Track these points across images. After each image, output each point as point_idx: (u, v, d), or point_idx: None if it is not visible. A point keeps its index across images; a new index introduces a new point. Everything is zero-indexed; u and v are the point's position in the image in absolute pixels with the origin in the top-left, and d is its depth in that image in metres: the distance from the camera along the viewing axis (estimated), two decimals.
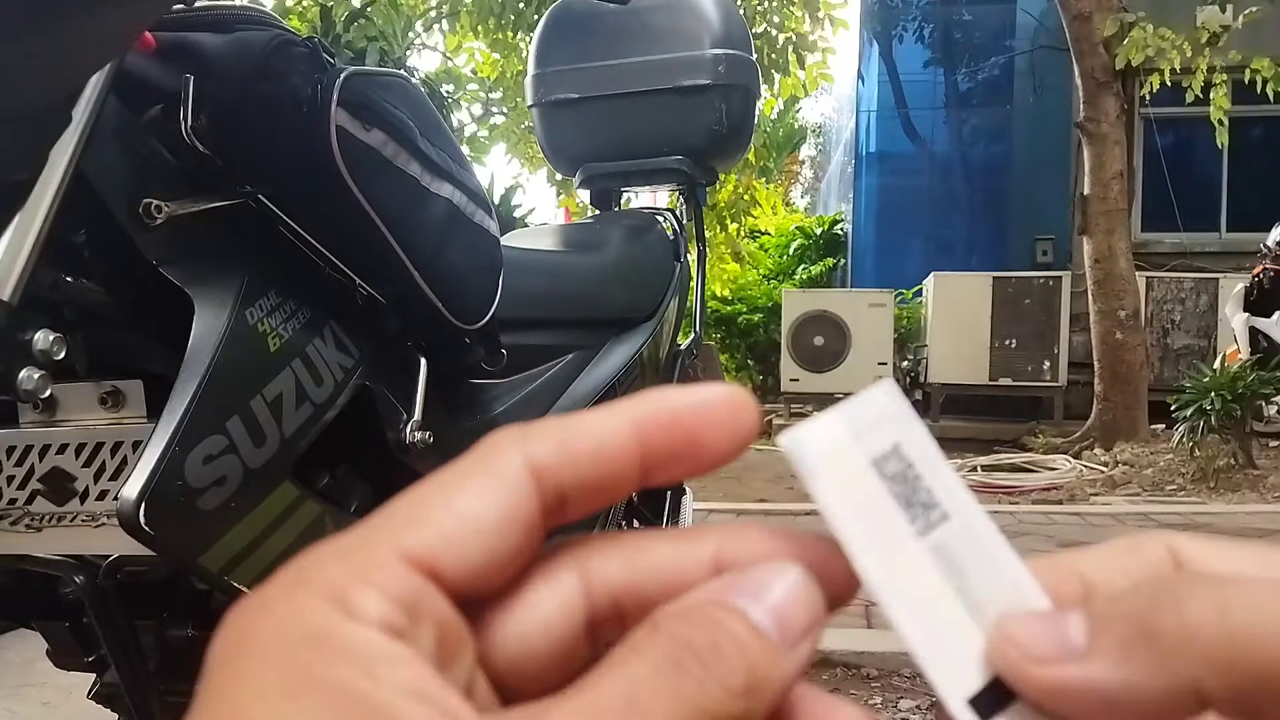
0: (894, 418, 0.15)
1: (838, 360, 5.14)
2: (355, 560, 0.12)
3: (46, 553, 0.45)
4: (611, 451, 0.13)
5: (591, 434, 0.13)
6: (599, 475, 0.13)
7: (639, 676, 0.11)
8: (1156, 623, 0.11)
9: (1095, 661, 0.12)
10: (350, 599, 0.11)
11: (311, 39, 0.48)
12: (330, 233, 0.48)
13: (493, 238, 0.60)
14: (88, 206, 0.41)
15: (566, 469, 0.13)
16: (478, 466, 0.13)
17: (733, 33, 1.00)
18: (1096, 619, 0.12)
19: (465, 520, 0.12)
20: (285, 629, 0.11)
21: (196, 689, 0.12)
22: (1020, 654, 0.12)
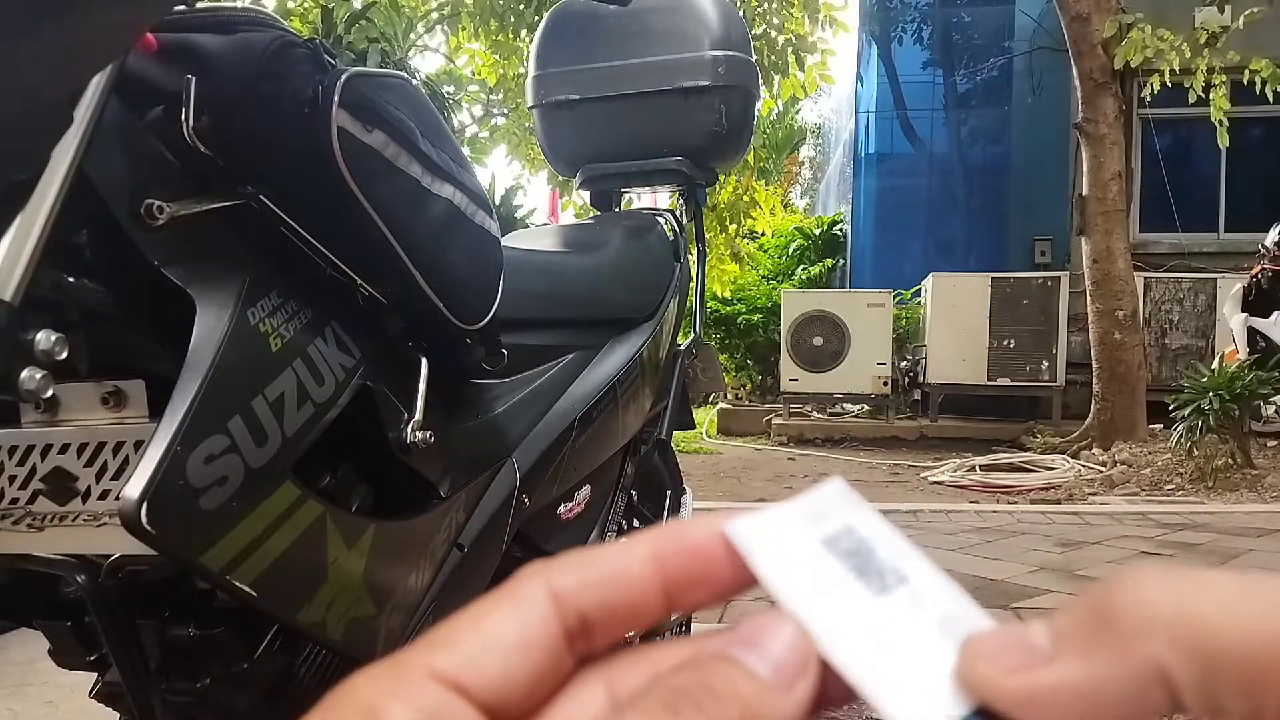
0: (846, 506, 0.15)
1: (837, 360, 5.15)
2: (386, 680, 0.13)
3: (48, 552, 0.45)
4: (630, 578, 0.14)
5: (612, 563, 0.14)
6: (619, 601, 0.14)
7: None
8: (1117, 611, 0.11)
9: (1063, 662, 0.12)
10: (380, 712, 0.13)
11: (313, 40, 0.48)
12: (331, 233, 0.48)
13: (493, 238, 0.60)
14: (89, 207, 0.41)
15: (587, 594, 0.14)
16: (504, 595, 0.14)
17: (732, 34, 1.01)
18: (1059, 625, 0.12)
19: (487, 641, 0.13)
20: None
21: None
22: (990, 667, 0.12)
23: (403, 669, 0.13)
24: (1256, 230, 4.64)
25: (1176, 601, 0.11)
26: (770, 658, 0.13)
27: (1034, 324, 4.97)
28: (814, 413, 5.40)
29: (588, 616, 0.14)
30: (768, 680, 0.12)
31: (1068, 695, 0.12)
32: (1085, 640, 0.12)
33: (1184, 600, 0.11)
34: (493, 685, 0.13)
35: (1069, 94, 4.78)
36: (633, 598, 0.14)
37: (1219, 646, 0.11)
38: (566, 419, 0.76)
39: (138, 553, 0.42)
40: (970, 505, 2.88)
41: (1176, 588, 0.11)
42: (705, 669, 0.13)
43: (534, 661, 0.14)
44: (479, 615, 0.14)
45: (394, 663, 0.13)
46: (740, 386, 6.39)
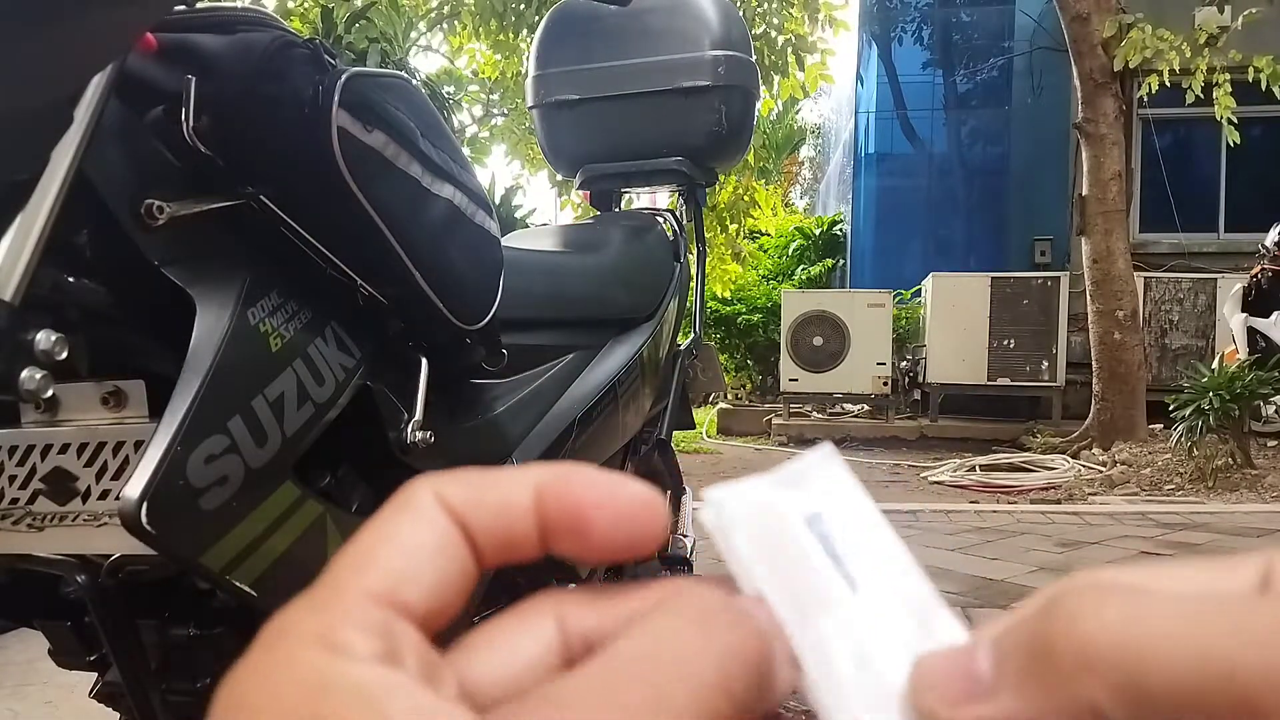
0: (832, 478, 0.14)
1: (837, 360, 5.15)
2: (328, 608, 0.13)
3: (48, 552, 0.45)
4: (513, 509, 0.14)
5: (498, 487, 0.14)
6: (501, 528, 0.14)
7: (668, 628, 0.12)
8: (1054, 646, 0.11)
9: (1001, 697, 0.12)
10: (335, 640, 0.12)
11: (313, 40, 0.48)
12: (331, 233, 0.48)
13: (493, 238, 0.60)
14: (90, 207, 0.41)
15: (473, 513, 0.14)
16: (399, 508, 0.14)
17: (732, 34, 1.01)
18: (1000, 649, 0.12)
19: (409, 553, 0.13)
20: (280, 681, 0.12)
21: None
22: (934, 699, 0.12)
23: (340, 594, 0.13)
24: (1256, 230, 4.64)
25: (1111, 638, 0.11)
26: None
27: (1034, 324, 4.97)
28: (814, 413, 5.40)
29: (473, 534, 0.14)
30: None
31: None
32: (1023, 673, 0.12)
33: (1119, 637, 0.11)
34: (426, 597, 0.13)
35: (1069, 94, 4.78)
36: (512, 527, 0.14)
37: (1149, 688, 0.11)
38: (566, 419, 0.76)
39: (138, 553, 0.42)
40: (970, 505, 2.88)
41: (1114, 620, 0.11)
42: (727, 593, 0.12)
43: (454, 569, 0.13)
44: (385, 531, 0.13)
45: (326, 590, 0.13)
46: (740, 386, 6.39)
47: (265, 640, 0.13)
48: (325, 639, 0.12)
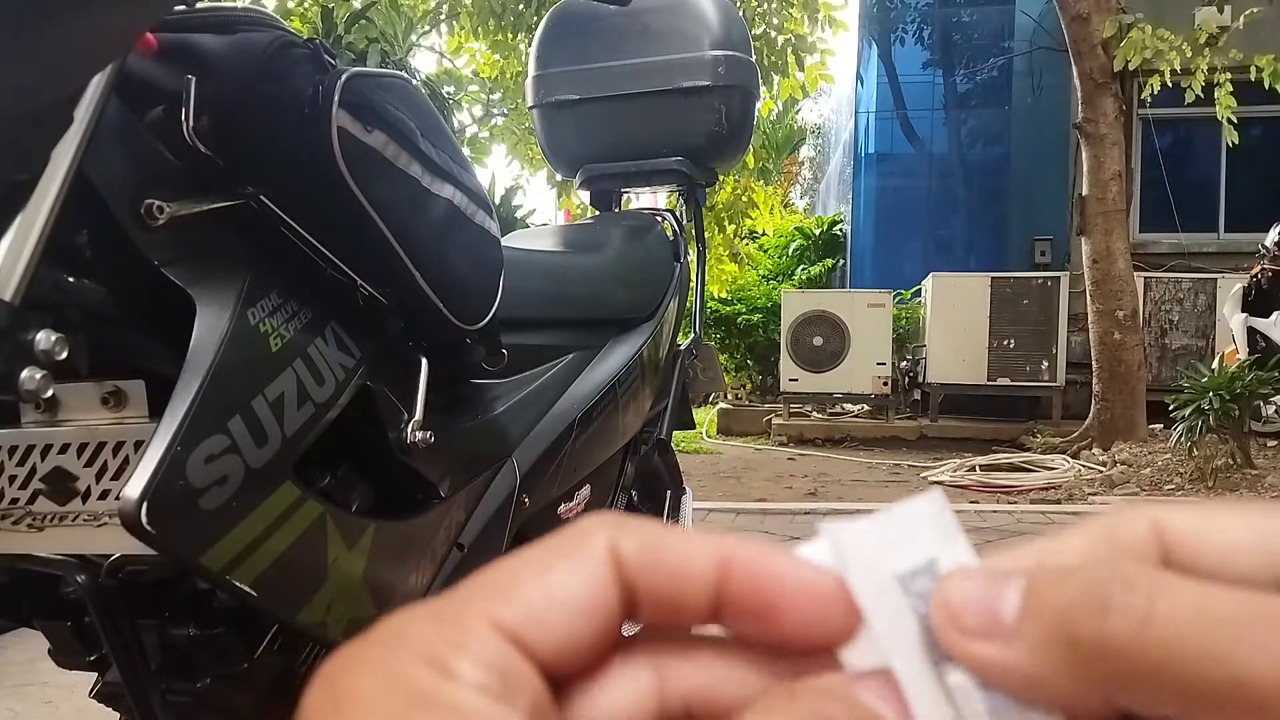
0: (937, 530, 0.14)
1: (837, 360, 5.15)
2: (449, 627, 0.12)
3: (48, 552, 0.45)
4: (692, 575, 0.13)
5: (679, 549, 0.13)
6: (672, 593, 0.13)
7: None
8: (1077, 628, 0.11)
9: (1016, 648, 0.12)
10: (448, 663, 0.12)
11: (313, 40, 0.48)
12: (332, 233, 0.48)
13: (493, 238, 0.60)
14: (89, 207, 0.41)
15: (645, 572, 0.13)
16: (568, 546, 0.13)
17: (732, 34, 1.01)
18: (1030, 599, 0.12)
19: (554, 597, 0.13)
20: (386, 687, 0.11)
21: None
22: (950, 621, 0.12)
23: (466, 618, 0.12)
24: (1256, 230, 4.64)
25: (1133, 639, 0.11)
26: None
27: (1034, 324, 4.97)
28: (814, 413, 5.40)
29: (638, 595, 0.13)
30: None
31: (1009, 676, 0.12)
32: (1044, 638, 0.12)
33: (1140, 635, 0.11)
34: (555, 646, 0.12)
35: (1069, 94, 4.78)
36: (685, 593, 0.13)
37: (1164, 683, 0.11)
38: (566, 419, 0.76)
39: (138, 553, 0.42)
40: (970, 505, 2.88)
41: (1141, 619, 0.11)
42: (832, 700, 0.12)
43: (596, 625, 0.13)
44: (542, 565, 0.13)
45: (454, 608, 0.12)
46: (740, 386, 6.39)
47: (381, 637, 0.12)
48: (438, 658, 0.12)
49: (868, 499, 3.09)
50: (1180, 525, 0.13)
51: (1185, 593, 0.11)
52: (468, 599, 0.13)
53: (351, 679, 0.12)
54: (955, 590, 0.13)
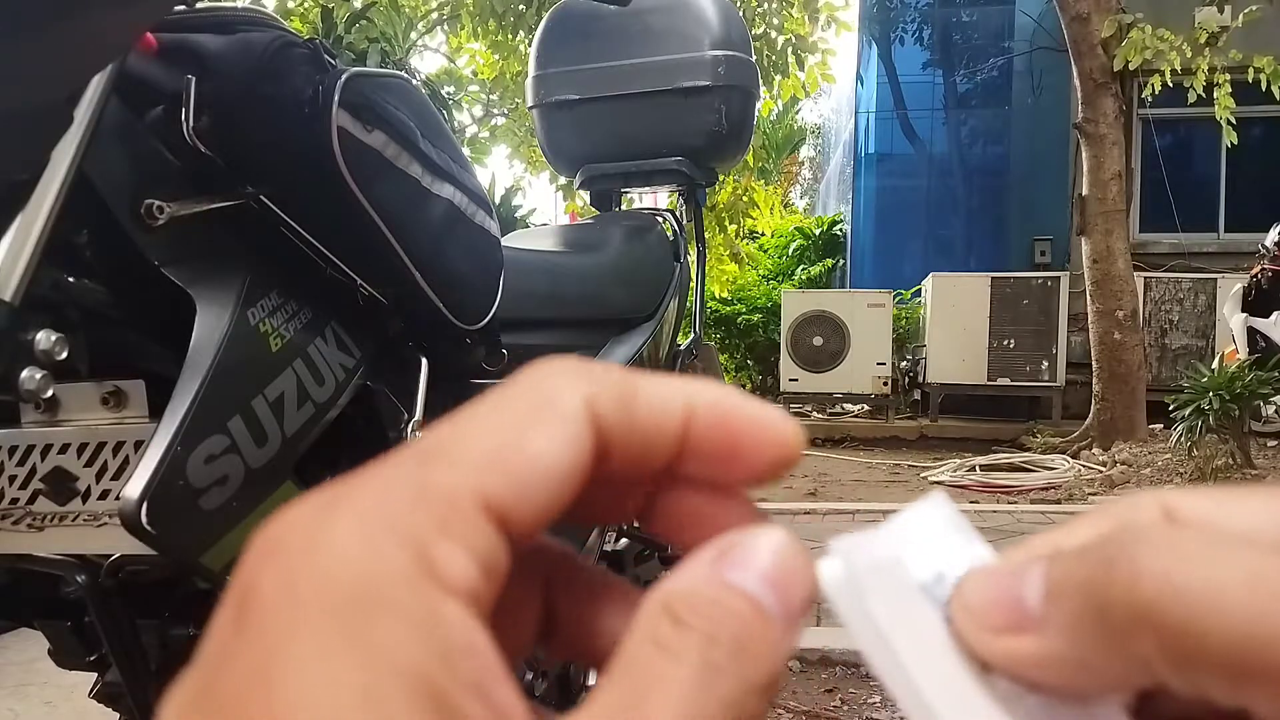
0: (950, 532, 0.13)
1: (837, 360, 5.15)
2: (437, 504, 0.10)
3: (48, 552, 0.45)
4: (663, 427, 0.12)
5: (652, 401, 0.12)
6: (645, 443, 0.12)
7: (678, 681, 0.10)
8: (1108, 599, 0.11)
9: (1048, 635, 0.11)
10: (435, 557, 0.10)
11: (313, 40, 0.48)
12: (332, 233, 0.48)
13: (493, 238, 0.60)
14: (90, 207, 0.41)
15: (620, 429, 0.12)
16: (541, 402, 0.12)
17: (732, 34, 1.01)
18: (1054, 582, 0.11)
19: (540, 467, 0.11)
20: (360, 578, 0.10)
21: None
22: (976, 623, 0.12)
23: (456, 493, 0.11)
24: (1256, 230, 4.64)
25: (1173, 600, 0.10)
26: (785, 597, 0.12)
27: (1034, 324, 4.97)
28: (814, 413, 5.40)
29: (612, 449, 0.12)
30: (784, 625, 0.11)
31: (1048, 666, 0.11)
32: (1075, 615, 0.11)
33: (1182, 600, 0.10)
34: (533, 520, 0.11)
35: (1069, 94, 4.78)
36: (657, 442, 0.12)
37: (1207, 656, 0.10)
38: None
39: (138, 553, 0.42)
40: (970, 505, 2.88)
41: (1179, 581, 0.10)
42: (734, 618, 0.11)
43: (572, 492, 0.12)
44: (520, 427, 0.11)
45: (441, 478, 0.11)
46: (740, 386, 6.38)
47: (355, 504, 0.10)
48: (425, 548, 0.10)
49: (868, 499, 3.09)
50: (1192, 509, 0.13)
51: (1233, 552, 0.10)
52: (453, 467, 0.11)
53: (318, 555, 0.10)
54: (974, 590, 0.12)
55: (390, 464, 0.11)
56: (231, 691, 0.09)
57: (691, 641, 0.11)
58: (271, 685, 0.09)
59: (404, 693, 0.09)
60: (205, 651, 0.10)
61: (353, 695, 0.09)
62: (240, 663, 0.09)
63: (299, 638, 0.09)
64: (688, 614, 0.11)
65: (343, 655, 0.09)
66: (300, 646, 0.09)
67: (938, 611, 0.12)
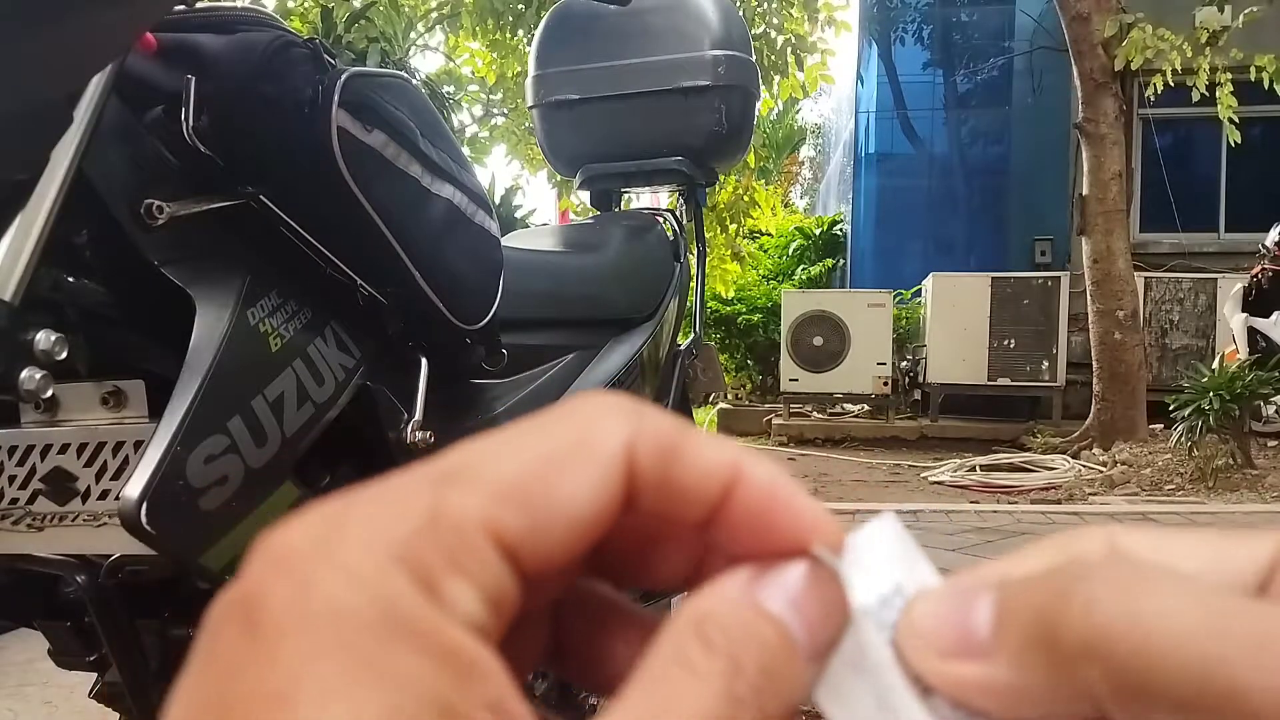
0: (897, 554, 0.13)
1: (837, 360, 5.14)
2: (445, 535, 0.10)
3: (48, 552, 0.45)
4: (702, 491, 0.12)
5: (697, 462, 0.12)
6: (676, 505, 0.12)
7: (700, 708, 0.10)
8: (1058, 629, 0.11)
9: (996, 662, 0.11)
10: (442, 587, 0.10)
11: (313, 40, 0.48)
12: (331, 233, 0.48)
13: (493, 238, 0.60)
14: (89, 207, 0.41)
15: (655, 483, 0.12)
16: (579, 437, 0.11)
17: (732, 34, 1.00)
18: (1003, 609, 0.11)
19: (562, 508, 0.11)
20: (367, 604, 0.09)
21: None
22: (923, 646, 0.12)
23: (466, 523, 0.10)
24: (1257, 230, 4.64)
25: (1122, 634, 0.10)
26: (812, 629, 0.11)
27: (1034, 324, 4.97)
28: (814, 413, 5.40)
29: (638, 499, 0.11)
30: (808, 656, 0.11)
31: (994, 693, 0.11)
32: (1023, 647, 0.11)
33: (1130, 635, 0.10)
34: (545, 561, 0.11)
35: (1069, 94, 4.78)
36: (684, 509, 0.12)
37: (1152, 690, 0.10)
38: None
39: (138, 553, 0.42)
40: (970, 505, 2.88)
41: (1128, 614, 0.10)
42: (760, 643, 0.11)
43: (592, 536, 0.11)
44: (551, 461, 0.11)
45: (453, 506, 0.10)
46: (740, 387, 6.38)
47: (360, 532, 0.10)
48: (432, 579, 0.10)
49: (868, 499, 3.09)
50: (1136, 545, 0.13)
51: (1181, 589, 0.10)
52: (465, 495, 0.10)
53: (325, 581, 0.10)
54: (922, 614, 0.12)
55: (407, 479, 0.11)
56: (250, 709, 0.09)
57: (717, 667, 0.11)
58: (296, 708, 0.09)
59: (410, 708, 0.09)
60: (210, 656, 0.10)
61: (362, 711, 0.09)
62: (256, 681, 0.09)
63: (320, 662, 0.09)
64: (717, 635, 0.11)
65: (365, 682, 0.09)
66: (322, 671, 0.09)
67: (882, 635, 0.12)
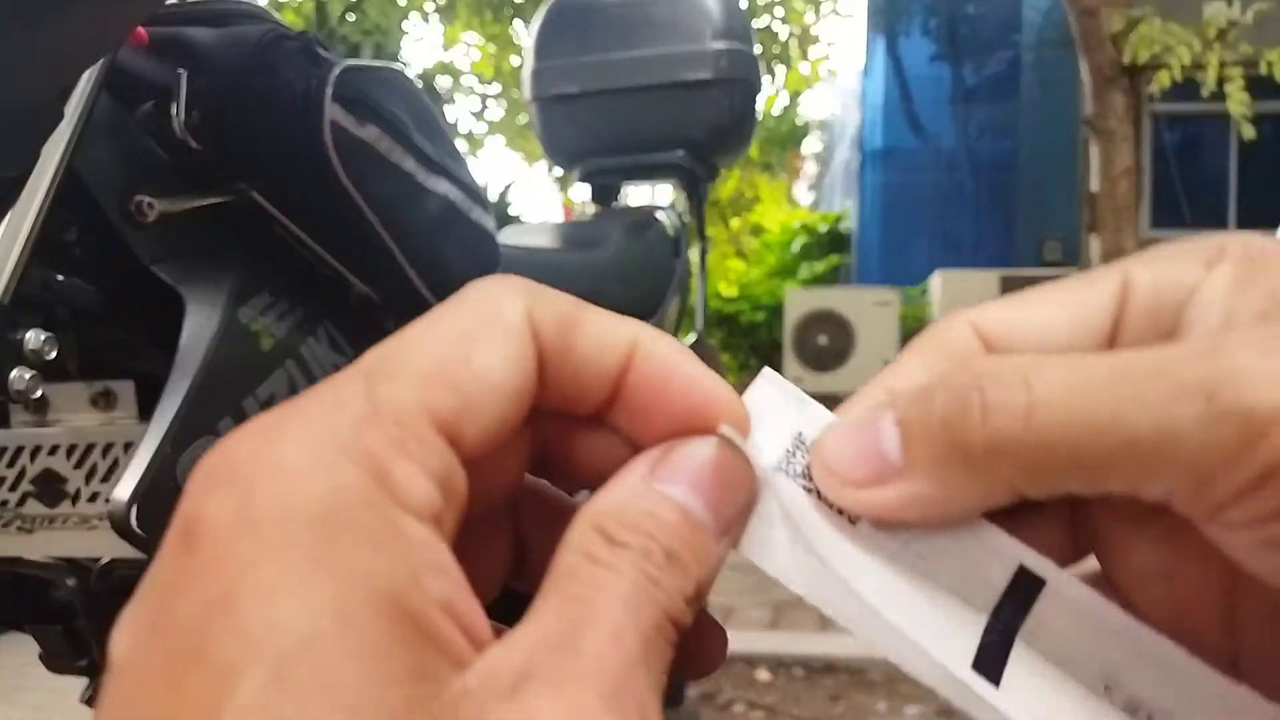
0: (788, 405, 0.14)
1: (842, 360, 5.12)
2: (389, 423, 0.10)
3: (38, 555, 0.45)
4: (604, 358, 0.12)
5: (595, 331, 0.12)
6: (582, 375, 0.12)
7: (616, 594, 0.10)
8: (965, 436, 0.11)
9: (914, 479, 0.12)
10: (394, 477, 0.10)
11: (306, 33, 0.48)
12: (324, 230, 0.48)
13: (489, 235, 0.59)
14: (79, 204, 0.41)
15: (558, 354, 0.12)
16: (481, 316, 0.11)
17: (734, 26, 0.99)
18: (908, 429, 0.12)
19: (487, 382, 0.11)
20: (320, 501, 0.09)
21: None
22: (839, 482, 0.12)
23: (405, 411, 0.10)
24: (1267, 227, 4.59)
25: (1024, 430, 0.11)
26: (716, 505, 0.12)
27: None
28: None
29: (548, 375, 0.12)
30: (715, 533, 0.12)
31: (916, 507, 0.12)
32: (936, 460, 0.11)
33: (1031, 424, 0.11)
34: (483, 439, 0.11)
35: (1077, 89, 4.73)
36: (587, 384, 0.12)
37: (1061, 463, 0.11)
38: None
39: (128, 556, 0.41)
40: None
41: (1024, 407, 0.11)
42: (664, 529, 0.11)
43: (520, 410, 0.11)
44: (462, 341, 0.11)
45: (387, 395, 0.10)
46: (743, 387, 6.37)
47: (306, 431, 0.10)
48: (383, 470, 0.09)
49: None
50: (994, 318, 0.13)
51: (1057, 371, 0.11)
52: (393, 384, 0.10)
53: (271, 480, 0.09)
54: (831, 451, 0.12)
55: (334, 382, 0.11)
56: (192, 619, 0.09)
57: (625, 556, 0.11)
58: (239, 611, 0.09)
59: (377, 613, 0.09)
60: (152, 583, 0.10)
61: (326, 617, 0.09)
62: (197, 591, 0.09)
63: (262, 563, 0.09)
64: (619, 531, 0.11)
65: (311, 578, 0.09)
66: (265, 571, 0.09)
67: (797, 484, 0.13)
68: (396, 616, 0.09)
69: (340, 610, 0.09)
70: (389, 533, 0.09)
